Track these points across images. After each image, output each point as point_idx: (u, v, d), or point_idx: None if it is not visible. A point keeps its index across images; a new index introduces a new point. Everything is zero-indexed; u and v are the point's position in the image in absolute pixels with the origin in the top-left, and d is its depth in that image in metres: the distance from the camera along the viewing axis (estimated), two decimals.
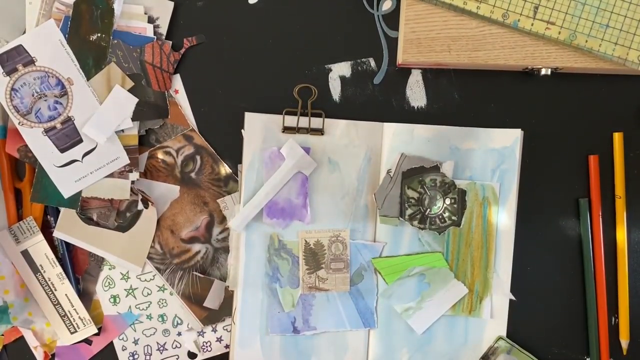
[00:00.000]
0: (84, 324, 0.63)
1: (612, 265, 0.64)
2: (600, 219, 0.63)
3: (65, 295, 0.63)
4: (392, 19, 0.63)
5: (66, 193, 0.61)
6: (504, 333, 0.63)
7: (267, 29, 0.63)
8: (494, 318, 0.63)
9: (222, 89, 0.63)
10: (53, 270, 0.63)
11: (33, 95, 0.59)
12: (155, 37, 0.62)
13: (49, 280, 0.63)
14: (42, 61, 0.60)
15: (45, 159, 0.60)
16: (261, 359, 0.62)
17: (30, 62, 0.59)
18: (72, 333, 0.64)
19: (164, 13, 0.62)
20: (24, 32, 0.61)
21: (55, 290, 0.63)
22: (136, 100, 0.61)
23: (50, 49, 0.59)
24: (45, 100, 0.60)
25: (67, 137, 0.60)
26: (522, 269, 0.63)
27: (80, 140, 0.60)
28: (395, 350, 0.63)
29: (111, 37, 0.60)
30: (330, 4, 0.63)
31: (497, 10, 0.59)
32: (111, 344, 0.64)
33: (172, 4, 0.62)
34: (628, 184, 0.63)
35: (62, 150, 0.60)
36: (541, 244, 0.64)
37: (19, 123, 0.60)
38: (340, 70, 0.63)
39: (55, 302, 0.63)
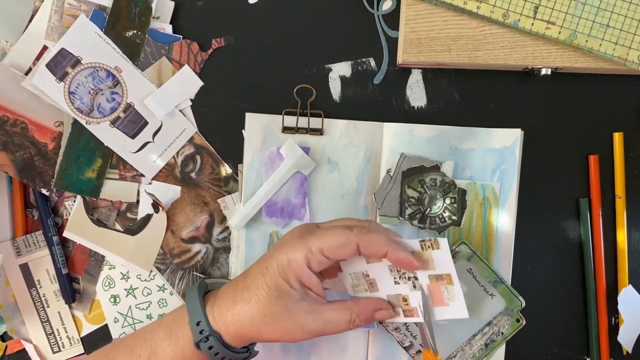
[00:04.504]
0: (70, 343, 0.64)
1: (612, 265, 0.64)
2: (601, 219, 0.63)
3: (58, 312, 0.63)
4: (392, 18, 0.63)
5: (149, 175, 0.63)
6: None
7: (267, 29, 0.63)
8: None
9: (222, 89, 0.63)
10: (51, 287, 0.63)
11: (90, 93, 0.60)
12: (181, 36, 0.62)
13: (44, 296, 0.63)
14: (87, 58, 0.60)
15: (120, 149, 0.62)
16: (261, 358, 0.62)
17: (77, 62, 0.60)
18: (54, 353, 0.64)
19: (164, 13, 0.62)
20: (24, 31, 0.61)
21: (48, 307, 0.63)
22: (201, 83, 0.62)
23: (90, 43, 0.60)
24: (102, 94, 0.61)
25: (132, 123, 0.61)
26: (522, 269, 0.63)
27: (146, 123, 0.62)
28: (394, 350, 0.63)
29: (147, 35, 0.61)
30: (330, 4, 0.63)
31: (497, 10, 0.59)
32: None
33: (172, 3, 0.62)
34: (628, 184, 0.63)
35: (133, 137, 0.62)
36: (541, 244, 0.64)
37: (86, 122, 0.61)
38: (340, 70, 0.63)
39: (44, 319, 0.63)
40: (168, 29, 0.62)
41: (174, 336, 0.52)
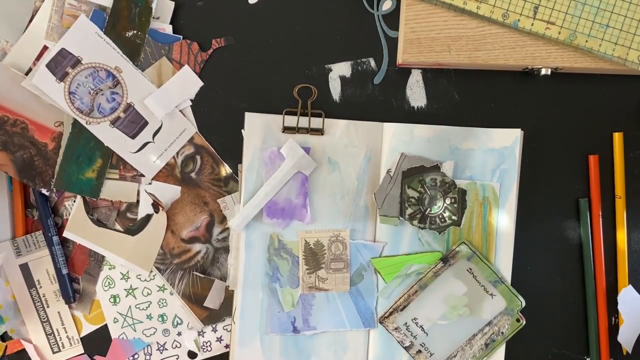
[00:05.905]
0: (70, 343, 0.64)
1: (612, 265, 0.64)
2: (600, 219, 0.63)
3: (58, 312, 0.63)
4: (392, 19, 0.63)
5: (149, 175, 0.63)
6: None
7: (267, 29, 0.63)
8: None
9: (222, 89, 0.63)
10: (51, 287, 0.63)
11: (90, 93, 0.60)
12: (181, 36, 0.62)
13: (44, 296, 0.63)
14: (87, 58, 0.60)
15: (120, 148, 0.62)
16: (261, 359, 0.62)
17: (77, 62, 0.60)
18: (54, 353, 0.64)
19: (164, 13, 0.62)
20: (24, 31, 0.61)
21: (48, 307, 0.63)
22: (201, 83, 0.62)
23: (90, 43, 0.60)
24: (103, 94, 0.61)
25: (133, 123, 0.62)
26: (522, 269, 0.63)
27: (147, 123, 0.62)
28: (395, 350, 0.63)
29: (147, 35, 0.61)
30: (330, 4, 0.63)
31: (497, 10, 0.59)
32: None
33: (172, 3, 0.62)
34: (628, 184, 0.64)
35: (133, 137, 0.62)
36: (541, 244, 0.64)
37: (86, 123, 0.61)
38: (340, 70, 0.63)
39: (44, 319, 0.63)
40: (168, 29, 0.62)
41: None
